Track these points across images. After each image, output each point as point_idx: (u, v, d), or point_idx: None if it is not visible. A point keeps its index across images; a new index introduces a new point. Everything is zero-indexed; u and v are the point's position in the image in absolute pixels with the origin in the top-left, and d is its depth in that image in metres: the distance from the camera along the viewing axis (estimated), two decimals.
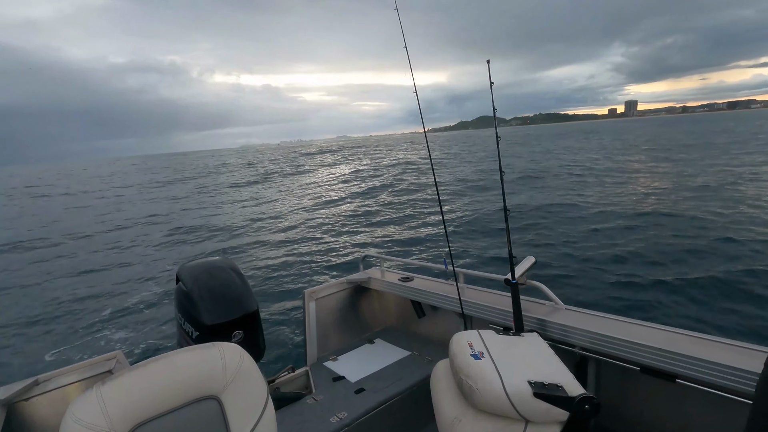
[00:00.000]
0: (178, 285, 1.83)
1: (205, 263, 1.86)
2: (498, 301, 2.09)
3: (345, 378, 2.22)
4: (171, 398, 0.98)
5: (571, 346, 1.77)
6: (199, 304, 1.68)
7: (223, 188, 27.62)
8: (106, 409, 0.91)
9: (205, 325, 1.66)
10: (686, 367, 1.42)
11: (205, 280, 1.75)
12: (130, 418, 0.93)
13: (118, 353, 1.94)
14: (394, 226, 12.57)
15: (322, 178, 29.17)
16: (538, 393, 1.23)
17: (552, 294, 1.93)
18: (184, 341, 1.75)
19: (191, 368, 1.03)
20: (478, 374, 1.32)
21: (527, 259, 1.98)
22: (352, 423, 1.86)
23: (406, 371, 2.23)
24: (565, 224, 10.41)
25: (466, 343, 1.50)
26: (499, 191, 2.06)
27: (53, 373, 1.77)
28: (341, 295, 2.77)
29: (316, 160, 55.13)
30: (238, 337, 1.71)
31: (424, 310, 2.64)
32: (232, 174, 39.86)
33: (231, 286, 1.77)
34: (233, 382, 1.05)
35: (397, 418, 2.04)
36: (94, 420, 0.89)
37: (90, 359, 1.89)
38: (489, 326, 2.00)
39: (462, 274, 2.27)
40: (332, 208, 17.31)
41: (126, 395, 0.94)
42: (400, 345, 2.55)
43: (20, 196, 35.04)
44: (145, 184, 36.51)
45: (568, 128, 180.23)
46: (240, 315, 1.72)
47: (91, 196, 29.71)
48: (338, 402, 2.00)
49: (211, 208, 19.15)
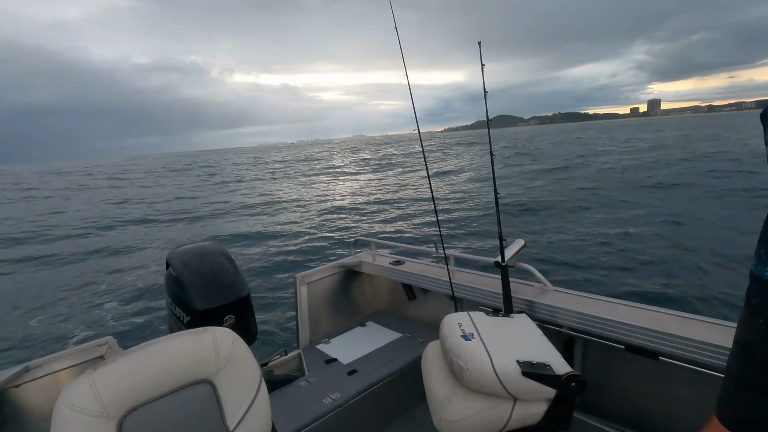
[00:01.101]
0: (168, 270, 1.81)
1: (195, 248, 1.85)
2: (488, 283, 2.12)
3: (337, 360, 2.25)
4: (164, 383, 0.99)
5: (559, 326, 1.80)
6: (189, 289, 1.68)
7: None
8: (98, 393, 0.91)
9: (197, 310, 1.66)
10: (669, 345, 1.47)
11: (196, 265, 1.74)
12: (123, 403, 0.93)
13: (110, 339, 1.93)
14: (386, 210, 12.58)
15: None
16: (527, 372, 1.26)
17: (541, 276, 1.96)
18: (176, 326, 1.75)
19: (183, 353, 1.03)
20: (468, 355, 1.35)
21: (517, 241, 2.00)
22: (344, 404, 1.89)
23: (398, 353, 2.26)
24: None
25: (456, 325, 1.52)
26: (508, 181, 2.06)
27: (44, 360, 1.76)
28: (333, 279, 2.78)
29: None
30: (230, 321, 1.71)
31: (415, 293, 2.66)
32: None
33: (222, 271, 1.77)
34: (226, 365, 1.06)
35: (389, 398, 2.08)
36: (87, 405, 0.89)
37: (81, 345, 1.88)
38: (479, 308, 2.03)
39: (452, 257, 2.29)
40: (330, 193, 17.26)
41: (118, 380, 0.94)
42: (391, 327, 2.58)
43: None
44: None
45: (582, 127, 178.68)
46: (231, 300, 1.72)
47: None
48: (331, 384, 2.03)
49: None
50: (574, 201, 12.40)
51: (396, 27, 2.13)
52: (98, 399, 0.90)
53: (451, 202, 13.35)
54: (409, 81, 2.15)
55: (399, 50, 2.14)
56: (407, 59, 2.08)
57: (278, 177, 25.75)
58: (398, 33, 2.15)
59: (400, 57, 2.10)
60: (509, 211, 11.15)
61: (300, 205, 15.25)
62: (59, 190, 32.24)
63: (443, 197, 14.10)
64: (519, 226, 9.61)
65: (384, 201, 14.96)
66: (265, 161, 55.15)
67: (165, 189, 26.69)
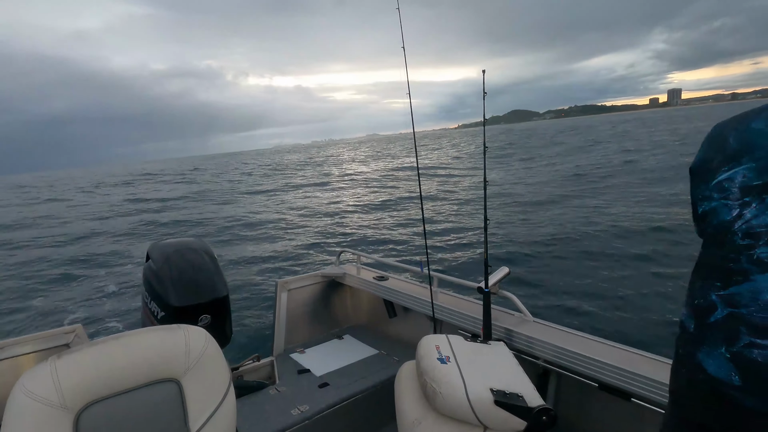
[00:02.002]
0: (148, 263, 1.78)
1: (178, 243, 1.82)
2: (469, 307, 2.12)
3: (310, 371, 2.21)
4: (128, 377, 0.96)
5: (536, 357, 1.80)
6: (167, 284, 1.65)
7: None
8: (59, 383, 0.88)
9: (172, 306, 1.62)
10: (642, 387, 1.47)
11: (176, 260, 1.71)
12: (84, 395, 0.90)
13: (78, 327, 1.88)
14: (374, 222, 12.56)
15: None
16: (499, 401, 1.25)
17: (522, 305, 1.96)
18: (149, 321, 1.71)
19: (153, 349, 1.00)
20: (443, 378, 1.34)
21: (501, 269, 2.01)
22: (312, 417, 1.85)
23: (372, 369, 2.24)
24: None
25: (433, 347, 1.51)
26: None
27: (6, 342, 1.70)
28: (314, 288, 2.76)
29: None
30: (205, 321, 1.68)
31: (395, 311, 2.65)
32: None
33: (202, 269, 1.74)
34: (195, 366, 1.03)
35: (359, 415, 2.05)
36: (46, 393, 0.86)
37: (48, 331, 1.82)
38: (458, 332, 2.02)
39: (436, 278, 2.30)
40: (321, 201, 17.15)
41: (82, 371, 0.91)
42: (368, 343, 2.56)
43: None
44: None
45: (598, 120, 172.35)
46: (209, 299, 1.69)
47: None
48: (301, 395, 1.99)
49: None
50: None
51: (401, 27, 2.14)
52: (58, 388, 0.87)
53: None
54: (422, 78, 2.14)
55: (412, 48, 2.15)
56: (419, 56, 2.08)
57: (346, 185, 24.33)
58: (403, 34, 2.17)
59: (414, 54, 2.12)
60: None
61: (305, 214, 15.13)
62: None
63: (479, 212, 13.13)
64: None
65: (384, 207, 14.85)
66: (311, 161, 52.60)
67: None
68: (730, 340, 0.90)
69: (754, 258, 0.86)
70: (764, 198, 0.85)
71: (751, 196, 0.88)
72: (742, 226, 0.88)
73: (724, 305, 0.91)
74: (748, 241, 0.87)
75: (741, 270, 0.88)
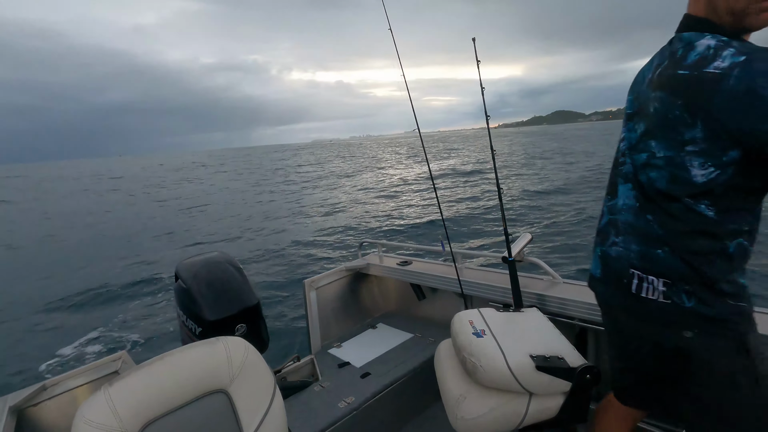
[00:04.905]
0: (178, 282, 1.83)
1: (203, 259, 1.86)
2: (497, 279, 2.11)
3: (350, 363, 2.25)
4: (179, 394, 0.99)
5: (571, 318, 1.79)
6: (199, 300, 1.69)
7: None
8: (115, 408, 0.92)
9: (208, 321, 1.66)
10: None
11: (204, 275, 1.75)
12: (141, 416, 0.94)
13: (123, 354, 1.95)
14: (394, 211, 12.55)
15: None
16: (541, 366, 1.25)
17: (549, 269, 1.95)
18: (188, 338, 1.76)
19: (197, 364, 1.03)
20: (481, 351, 1.34)
21: (523, 236, 2.00)
22: (359, 407, 1.89)
23: (410, 353, 2.26)
24: None
25: (467, 322, 1.52)
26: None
27: (60, 377, 1.78)
28: (341, 282, 2.78)
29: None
30: (242, 330, 1.71)
31: (424, 293, 2.66)
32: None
33: (230, 281, 1.77)
34: (240, 374, 1.06)
35: (404, 399, 2.08)
36: (105, 420, 0.90)
37: (95, 361, 1.89)
38: (489, 304, 2.02)
39: (460, 255, 2.29)
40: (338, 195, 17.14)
41: (134, 394, 0.95)
42: (402, 328, 2.58)
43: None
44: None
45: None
46: (241, 309, 1.73)
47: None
48: (345, 387, 2.03)
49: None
50: None
51: (390, 26, 2.12)
52: (115, 414, 0.91)
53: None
54: (463, 76, 2.12)
55: (454, 45, 2.12)
56: (461, 53, 2.07)
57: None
58: (392, 32, 2.14)
59: (456, 52, 2.13)
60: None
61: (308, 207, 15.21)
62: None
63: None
64: None
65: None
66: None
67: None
68: (603, 242, 1.16)
69: (622, 172, 1.10)
70: (628, 124, 1.10)
71: (626, 122, 1.13)
72: (619, 146, 1.14)
73: (607, 213, 1.16)
74: (621, 159, 1.12)
75: (615, 183, 1.13)
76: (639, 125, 1.04)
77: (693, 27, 0.96)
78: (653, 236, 1.00)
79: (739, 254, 0.94)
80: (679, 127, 0.90)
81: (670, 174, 0.94)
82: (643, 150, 1.01)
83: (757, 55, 0.82)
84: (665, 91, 0.93)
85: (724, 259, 0.94)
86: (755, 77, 0.79)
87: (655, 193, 0.99)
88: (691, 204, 0.92)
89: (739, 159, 0.86)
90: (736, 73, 0.81)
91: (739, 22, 0.89)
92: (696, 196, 0.91)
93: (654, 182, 0.98)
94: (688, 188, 0.92)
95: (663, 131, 0.94)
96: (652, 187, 0.99)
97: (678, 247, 0.96)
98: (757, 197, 0.93)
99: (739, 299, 0.96)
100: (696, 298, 0.95)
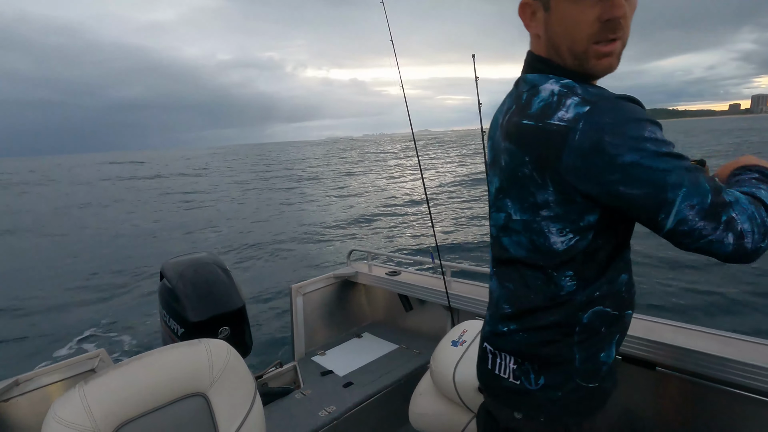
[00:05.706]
0: (162, 282, 1.80)
1: (190, 259, 1.84)
2: (486, 293, 2.11)
3: (333, 372, 2.22)
4: (156, 396, 0.97)
5: None
6: (183, 300, 1.66)
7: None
8: (89, 407, 0.89)
9: (191, 322, 1.64)
10: (665, 356, 1.46)
11: (190, 276, 1.73)
12: (115, 417, 0.91)
13: (102, 352, 1.91)
14: (382, 220, 12.56)
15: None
16: None
17: None
18: (169, 339, 1.73)
19: (177, 365, 1.02)
20: (440, 357, 1.42)
21: None
22: (340, 416, 1.87)
23: (395, 364, 2.24)
24: None
25: (461, 330, 1.57)
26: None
27: (34, 373, 1.73)
28: (328, 289, 2.77)
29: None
30: (225, 333, 1.69)
31: (411, 304, 2.65)
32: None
33: (216, 283, 1.76)
34: (220, 378, 1.05)
35: (386, 410, 2.06)
36: (77, 419, 0.87)
37: (72, 358, 1.85)
38: (476, 318, 2.02)
39: (449, 268, 2.29)
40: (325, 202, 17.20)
41: (110, 394, 0.93)
42: (388, 338, 2.57)
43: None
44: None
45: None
46: (226, 311, 1.71)
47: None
48: (327, 396, 2.00)
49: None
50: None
51: (387, 20, 2.11)
52: (89, 413, 0.89)
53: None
54: (482, 75, 2.05)
55: (469, 44, 2.08)
56: (479, 51, 2.02)
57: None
58: (388, 27, 2.14)
59: (468, 50, 2.06)
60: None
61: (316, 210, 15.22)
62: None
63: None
64: None
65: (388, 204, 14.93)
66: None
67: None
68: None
69: (492, 216, 0.97)
70: (489, 174, 0.97)
71: (487, 172, 1.02)
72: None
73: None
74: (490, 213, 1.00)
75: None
76: (494, 179, 0.91)
77: (536, 68, 0.84)
78: (503, 311, 0.90)
79: (598, 325, 0.82)
80: (530, 188, 0.78)
81: (528, 240, 0.82)
82: (500, 209, 0.89)
83: (602, 105, 0.70)
84: (512, 143, 0.81)
85: (579, 333, 0.82)
86: (603, 133, 0.68)
87: (514, 261, 0.87)
88: (553, 275, 0.81)
89: (596, 222, 0.76)
90: (581, 126, 0.69)
91: (581, 67, 0.78)
92: (558, 267, 0.80)
93: (512, 249, 0.87)
94: (549, 257, 0.80)
95: (516, 190, 0.82)
96: (510, 255, 0.88)
97: (527, 322, 0.86)
98: (623, 251, 0.84)
99: (593, 379, 0.84)
100: (544, 378, 0.85)
